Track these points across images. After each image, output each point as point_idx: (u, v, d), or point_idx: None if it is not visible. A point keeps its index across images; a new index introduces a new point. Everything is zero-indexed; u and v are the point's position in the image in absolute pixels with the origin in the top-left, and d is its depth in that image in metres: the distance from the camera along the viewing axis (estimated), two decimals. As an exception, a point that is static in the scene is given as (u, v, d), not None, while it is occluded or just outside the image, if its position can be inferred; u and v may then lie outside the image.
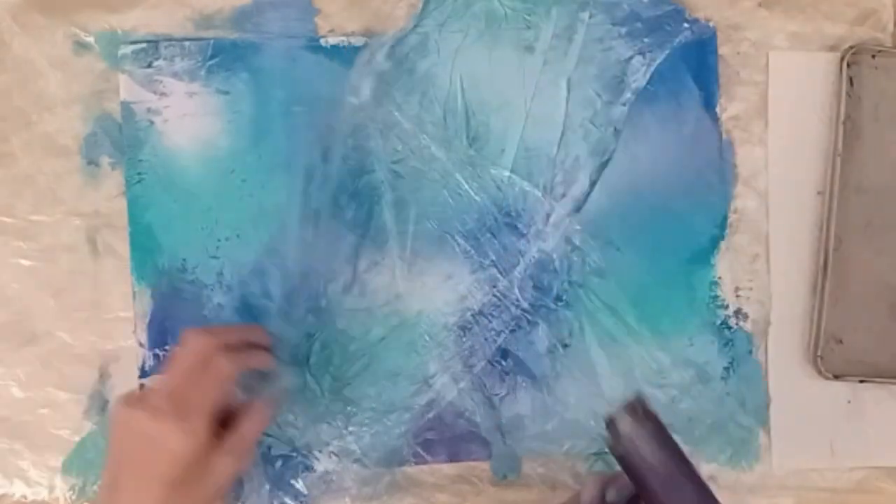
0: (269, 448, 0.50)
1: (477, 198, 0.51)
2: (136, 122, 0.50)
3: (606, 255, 0.51)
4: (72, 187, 0.50)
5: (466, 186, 0.50)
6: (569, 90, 0.51)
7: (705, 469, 0.51)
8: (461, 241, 0.51)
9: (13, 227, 0.50)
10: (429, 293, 0.50)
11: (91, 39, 0.50)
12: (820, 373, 0.50)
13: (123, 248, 0.50)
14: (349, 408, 0.50)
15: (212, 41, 0.50)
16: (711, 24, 0.51)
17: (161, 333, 0.50)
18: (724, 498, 0.50)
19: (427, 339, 0.50)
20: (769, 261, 0.51)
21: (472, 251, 0.51)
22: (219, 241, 0.50)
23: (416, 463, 0.50)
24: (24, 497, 0.50)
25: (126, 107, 0.50)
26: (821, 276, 0.50)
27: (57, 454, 0.50)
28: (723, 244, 0.51)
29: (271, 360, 0.47)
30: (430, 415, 0.50)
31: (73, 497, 0.50)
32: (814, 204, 0.51)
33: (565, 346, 0.51)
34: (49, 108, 0.50)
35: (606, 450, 0.50)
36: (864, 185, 0.51)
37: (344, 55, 0.50)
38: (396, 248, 0.50)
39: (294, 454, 0.50)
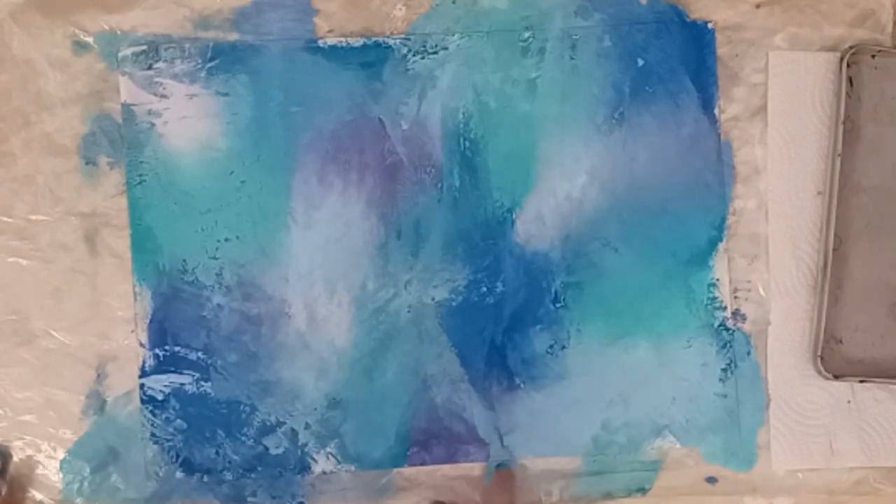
0: (267, 449, 0.50)
1: (474, 197, 0.51)
2: (137, 125, 0.50)
3: (604, 257, 0.51)
4: (70, 187, 0.50)
5: (462, 185, 0.51)
6: (567, 91, 0.51)
7: (705, 469, 0.50)
8: (459, 240, 0.51)
9: (11, 227, 0.50)
10: (426, 293, 0.50)
11: (90, 40, 0.50)
12: (820, 373, 0.49)
13: (122, 248, 0.50)
14: (346, 408, 0.50)
15: (211, 44, 0.50)
16: (710, 24, 0.51)
17: (161, 334, 0.50)
18: (723, 498, 0.50)
19: (425, 339, 0.50)
20: (769, 261, 0.51)
21: (470, 251, 0.51)
22: (218, 241, 0.50)
23: (414, 464, 0.50)
24: (24, 497, 0.50)
25: (127, 109, 0.50)
26: (821, 276, 0.50)
27: (55, 454, 0.50)
28: (721, 245, 0.51)
29: None
30: (428, 416, 0.50)
31: (73, 497, 0.50)
32: (814, 204, 0.51)
33: (563, 347, 0.50)
34: (48, 107, 0.50)
35: (604, 452, 0.50)
36: (864, 185, 0.51)
37: (342, 56, 0.51)
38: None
39: (292, 455, 0.50)
